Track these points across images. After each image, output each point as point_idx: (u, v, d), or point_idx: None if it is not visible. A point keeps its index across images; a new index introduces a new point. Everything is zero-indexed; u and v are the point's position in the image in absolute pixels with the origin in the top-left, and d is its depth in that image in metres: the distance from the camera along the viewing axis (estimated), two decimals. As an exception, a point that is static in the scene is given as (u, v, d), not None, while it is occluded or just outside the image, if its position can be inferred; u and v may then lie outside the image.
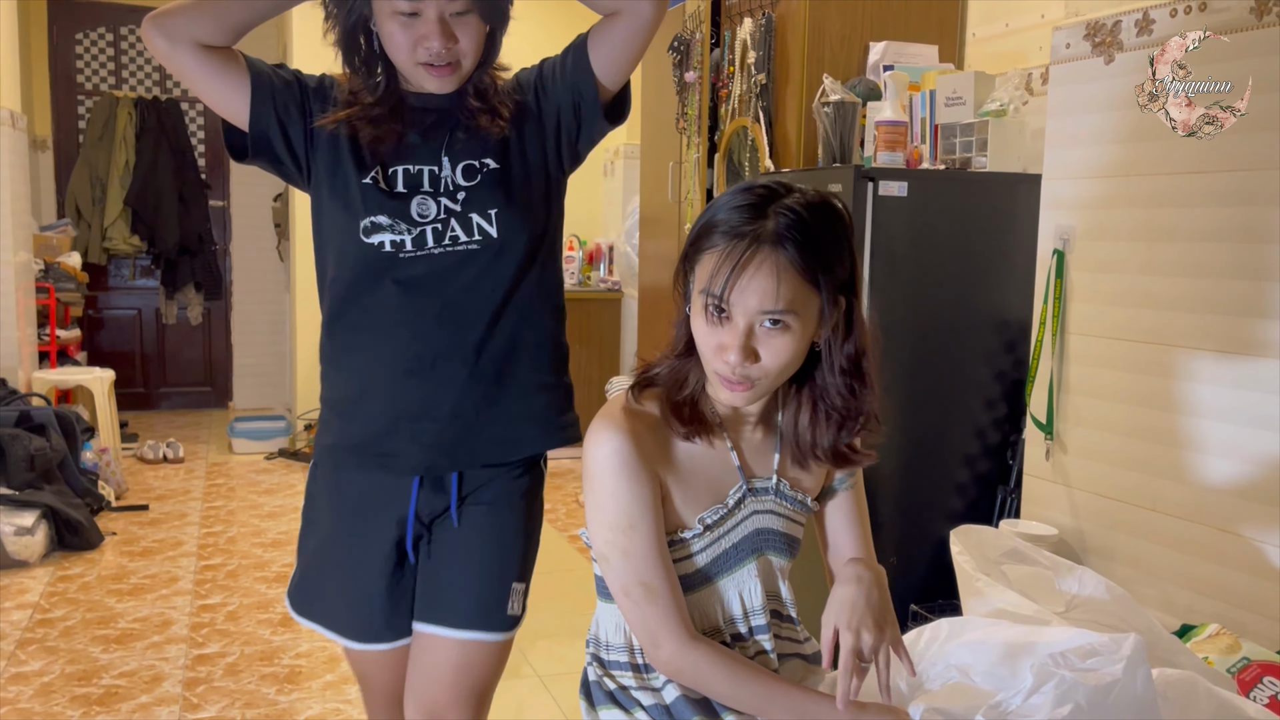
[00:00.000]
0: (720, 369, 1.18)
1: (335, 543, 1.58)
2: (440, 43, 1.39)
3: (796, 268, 1.14)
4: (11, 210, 4.58)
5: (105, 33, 6.34)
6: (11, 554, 3.61)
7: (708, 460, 1.26)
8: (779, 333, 1.15)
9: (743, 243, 1.14)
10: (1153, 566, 2.17)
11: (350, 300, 1.50)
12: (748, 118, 3.17)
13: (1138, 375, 2.19)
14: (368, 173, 1.47)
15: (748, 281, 1.13)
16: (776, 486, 1.29)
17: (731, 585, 1.27)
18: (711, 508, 1.25)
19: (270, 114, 1.47)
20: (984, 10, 3.11)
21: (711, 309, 1.16)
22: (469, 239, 1.46)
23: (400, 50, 1.41)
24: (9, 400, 4.22)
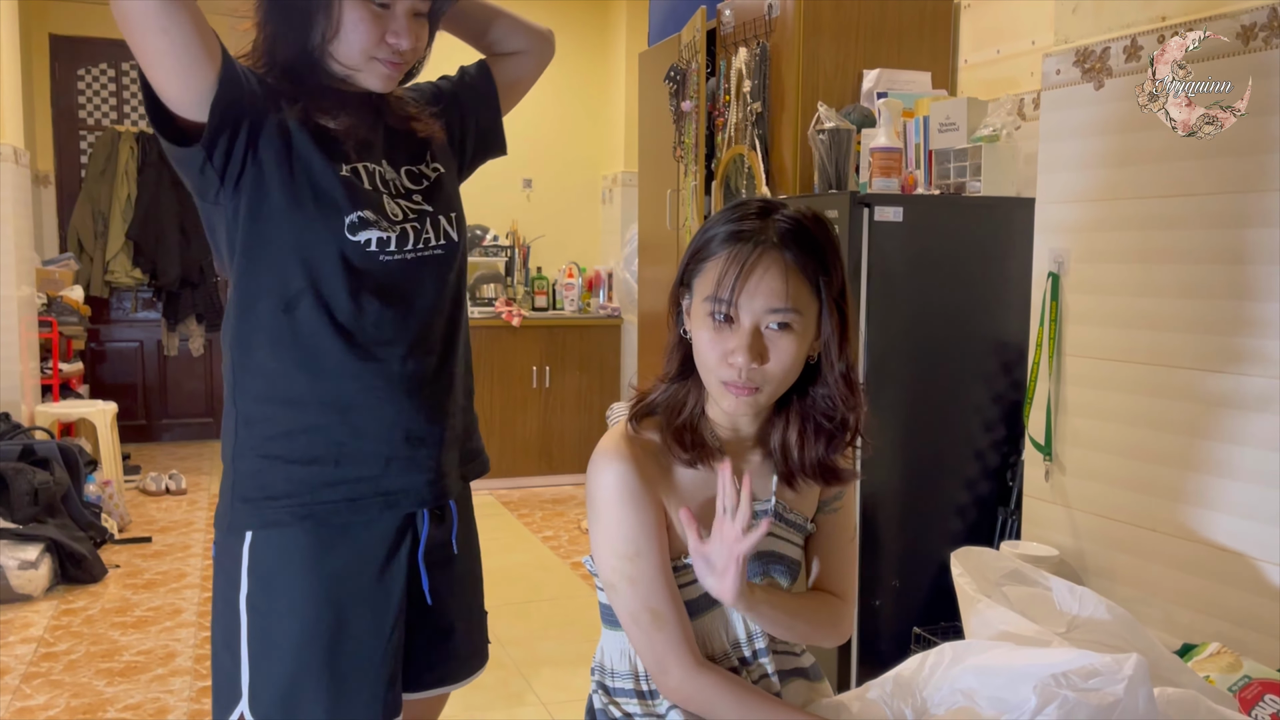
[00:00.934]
0: (726, 375, 1.19)
1: (339, 621, 1.31)
2: (409, 40, 1.33)
3: (801, 269, 1.17)
4: (15, 244, 4.62)
5: (107, 68, 6.40)
6: (15, 588, 3.62)
7: (709, 485, 1.27)
8: (784, 335, 1.18)
9: (748, 246, 1.17)
10: (1153, 586, 2.18)
11: (323, 317, 1.30)
12: (744, 145, 3.21)
13: (1135, 396, 2.21)
14: (344, 164, 1.34)
15: (756, 283, 1.16)
16: (775, 509, 1.31)
17: (732, 612, 1.28)
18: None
19: (239, 97, 1.27)
20: (975, 37, 3.16)
21: (718, 315, 1.18)
22: (437, 242, 1.39)
23: (363, 40, 1.31)
24: (12, 434, 4.23)
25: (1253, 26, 1.94)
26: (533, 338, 5.46)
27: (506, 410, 5.44)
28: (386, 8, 1.31)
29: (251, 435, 1.32)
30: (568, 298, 5.74)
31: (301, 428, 1.31)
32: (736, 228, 1.20)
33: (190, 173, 1.30)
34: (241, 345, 1.34)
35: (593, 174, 6.03)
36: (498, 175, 5.83)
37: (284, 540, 1.30)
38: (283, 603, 1.30)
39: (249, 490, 1.31)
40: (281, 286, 1.31)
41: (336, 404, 1.31)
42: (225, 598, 1.32)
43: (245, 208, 1.30)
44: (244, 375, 1.34)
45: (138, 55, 1.22)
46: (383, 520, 1.34)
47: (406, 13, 1.32)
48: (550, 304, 5.75)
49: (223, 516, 1.34)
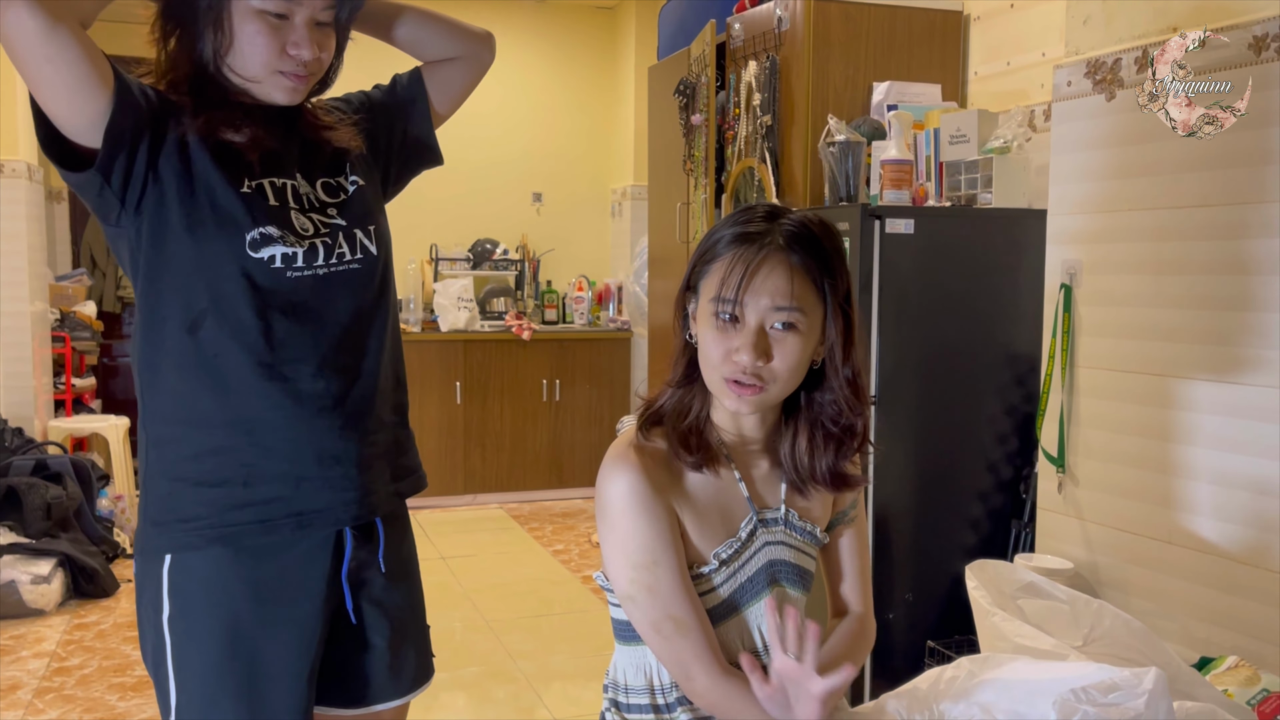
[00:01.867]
0: (729, 372, 1.20)
1: (255, 643, 1.29)
2: (310, 51, 1.28)
3: (806, 270, 1.19)
4: (28, 260, 4.64)
5: (120, 85, 6.44)
6: (28, 603, 3.62)
7: (718, 492, 1.27)
8: (789, 334, 1.19)
9: (753, 247, 1.19)
10: (1169, 599, 2.16)
11: (228, 336, 1.27)
12: (754, 158, 3.21)
13: (1148, 407, 2.20)
14: (245, 181, 1.30)
15: (761, 282, 1.18)
16: (785, 517, 1.30)
17: (751, 617, 1.27)
18: (726, 542, 1.26)
19: (136, 119, 1.24)
20: (985, 49, 3.16)
21: (724, 315, 1.19)
22: (353, 257, 1.36)
23: (260, 53, 1.26)
24: (26, 449, 4.25)
25: (1264, 37, 1.93)
26: (543, 351, 5.47)
27: (517, 423, 5.44)
28: (285, 18, 1.26)
29: (162, 457, 1.30)
30: (578, 311, 5.75)
31: (209, 449, 1.28)
32: (743, 230, 1.21)
33: (89, 196, 1.28)
34: (149, 367, 1.31)
35: (602, 187, 6.05)
36: (508, 189, 5.85)
37: (200, 563, 1.29)
38: (201, 625, 1.29)
39: (160, 513, 1.30)
40: (185, 307, 1.28)
41: (244, 424, 1.28)
42: (150, 619, 1.32)
43: (147, 229, 1.28)
44: (152, 397, 1.31)
45: (26, 82, 1.20)
46: (300, 541, 1.31)
47: (306, 22, 1.28)
48: (560, 317, 5.75)
49: (139, 539, 1.33)
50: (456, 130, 6.74)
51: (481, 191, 5.78)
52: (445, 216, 5.68)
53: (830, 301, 1.21)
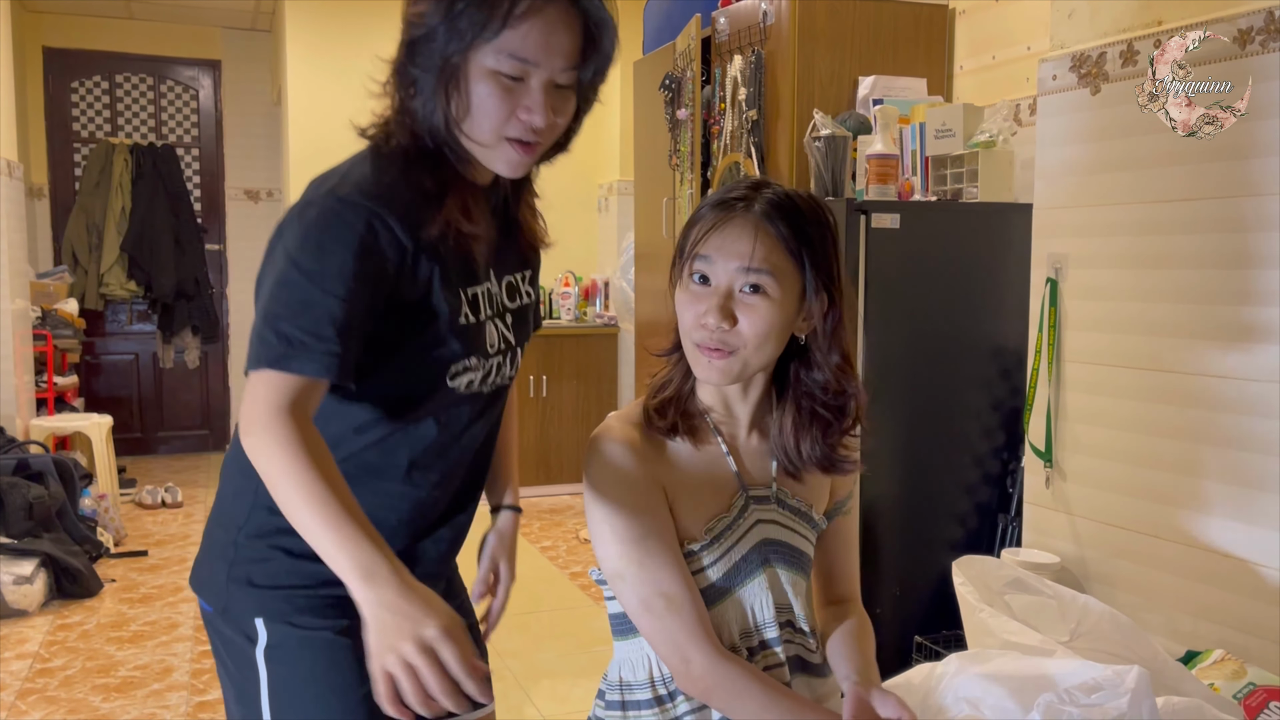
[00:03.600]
0: (698, 337, 1.19)
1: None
2: (544, 117, 1.14)
3: (777, 235, 1.18)
4: (9, 258, 4.60)
5: (100, 80, 6.39)
6: (10, 603, 3.59)
7: (706, 467, 1.25)
8: (758, 299, 1.18)
9: (729, 210, 1.20)
10: (1156, 593, 2.16)
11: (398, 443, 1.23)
12: (740, 153, 3.20)
13: (1135, 401, 2.20)
14: (464, 307, 1.20)
15: (731, 242, 1.18)
16: (776, 495, 1.28)
17: (744, 599, 1.25)
18: (716, 517, 1.24)
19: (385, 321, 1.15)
20: (971, 43, 3.16)
21: (696, 276, 1.20)
22: (507, 378, 1.29)
23: (490, 118, 1.13)
24: (7, 448, 4.21)
25: (1249, 30, 1.93)
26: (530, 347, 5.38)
27: (504, 420, 5.42)
28: (520, 81, 1.13)
29: (269, 522, 1.22)
30: (564, 307, 5.73)
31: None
32: (724, 196, 1.22)
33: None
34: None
35: (589, 183, 6.03)
36: (493, 185, 5.81)
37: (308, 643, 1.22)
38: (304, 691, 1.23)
39: (256, 576, 1.23)
40: (362, 411, 1.21)
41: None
42: (243, 676, 1.25)
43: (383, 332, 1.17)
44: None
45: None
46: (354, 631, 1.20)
47: (543, 85, 1.14)
48: (547, 313, 5.74)
49: (223, 597, 1.25)
50: (441, 125, 6.64)
51: (467, 187, 5.74)
52: (430, 212, 5.64)
53: (810, 275, 1.19)
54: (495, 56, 1.10)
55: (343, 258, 1.08)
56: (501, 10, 1.09)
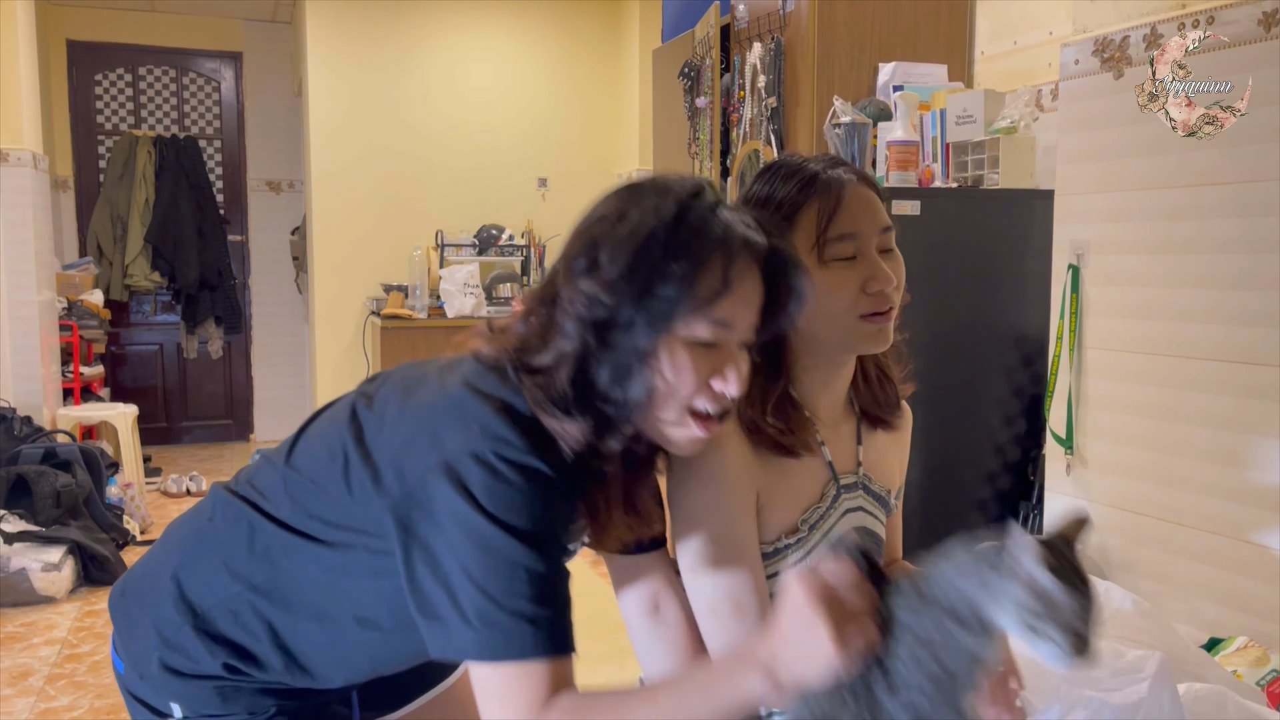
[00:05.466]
0: (866, 306, 1.18)
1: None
2: (739, 384, 1.04)
3: (872, 187, 1.23)
4: (35, 250, 4.65)
5: (124, 73, 6.44)
6: (39, 590, 3.64)
7: (801, 463, 1.23)
8: (894, 254, 1.22)
9: (837, 184, 1.19)
10: (1179, 580, 2.15)
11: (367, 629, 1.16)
12: (759, 141, 3.20)
13: (1157, 388, 2.18)
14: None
15: (862, 209, 1.18)
16: (862, 480, 1.29)
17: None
18: (812, 507, 1.23)
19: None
20: (992, 28, 3.13)
21: (839, 258, 1.18)
22: None
23: (687, 385, 1.02)
24: (35, 437, 4.26)
25: (1274, 13, 1.91)
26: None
27: (524, 409, 5.44)
28: (715, 346, 1.03)
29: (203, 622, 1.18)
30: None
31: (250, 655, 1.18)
32: (809, 174, 1.19)
33: None
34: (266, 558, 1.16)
35: (608, 172, 6.03)
36: (513, 174, 5.83)
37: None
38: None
39: (179, 663, 1.19)
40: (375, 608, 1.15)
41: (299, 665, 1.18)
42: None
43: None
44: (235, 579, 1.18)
45: None
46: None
47: (739, 346, 1.05)
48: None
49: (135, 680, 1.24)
50: (460, 115, 6.71)
51: (486, 177, 5.76)
52: (450, 203, 5.67)
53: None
54: (699, 322, 1.01)
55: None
56: (716, 283, 1.00)
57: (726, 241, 1.01)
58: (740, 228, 1.03)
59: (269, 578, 1.15)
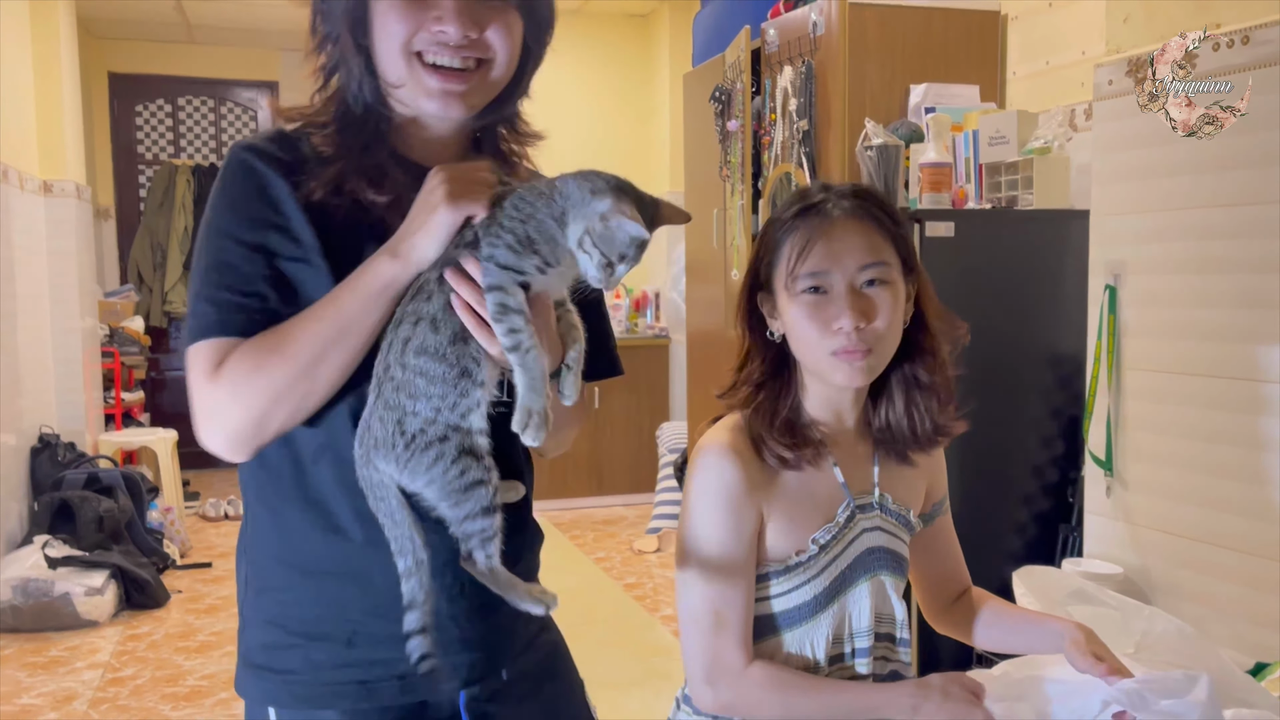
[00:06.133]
0: (834, 344, 1.17)
1: None
2: (457, 27, 0.99)
3: (878, 224, 1.19)
4: (79, 278, 4.74)
5: (164, 104, 6.57)
6: (82, 614, 3.69)
7: (812, 481, 1.23)
8: (881, 289, 1.18)
9: (819, 215, 1.18)
10: (1222, 603, 2.12)
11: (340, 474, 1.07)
12: (791, 164, 3.21)
13: (1196, 409, 2.16)
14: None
15: (840, 244, 1.17)
16: (880, 501, 1.28)
17: (845, 605, 1.24)
18: (824, 527, 1.23)
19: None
20: (1024, 49, 3.13)
21: (807, 290, 1.18)
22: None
23: (395, 36, 1.00)
24: (78, 463, 4.34)
25: (1311, 31, 1.90)
26: (582, 359, 5.48)
27: (557, 432, 5.46)
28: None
29: (261, 601, 1.12)
30: (615, 318, 5.76)
31: (313, 598, 1.09)
32: (802, 205, 1.21)
33: None
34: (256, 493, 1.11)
35: (638, 195, 6.07)
36: (544, 199, 5.87)
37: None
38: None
39: (261, 659, 1.11)
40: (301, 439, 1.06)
41: (355, 577, 1.07)
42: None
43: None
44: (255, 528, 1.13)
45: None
46: (405, 707, 1.10)
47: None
48: (598, 325, 5.77)
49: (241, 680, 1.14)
50: (493, 141, 6.70)
51: (519, 201, 5.81)
52: (483, 226, 5.72)
53: (903, 256, 1.21)
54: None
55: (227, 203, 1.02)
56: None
57: None
58: None
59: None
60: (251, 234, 1.00)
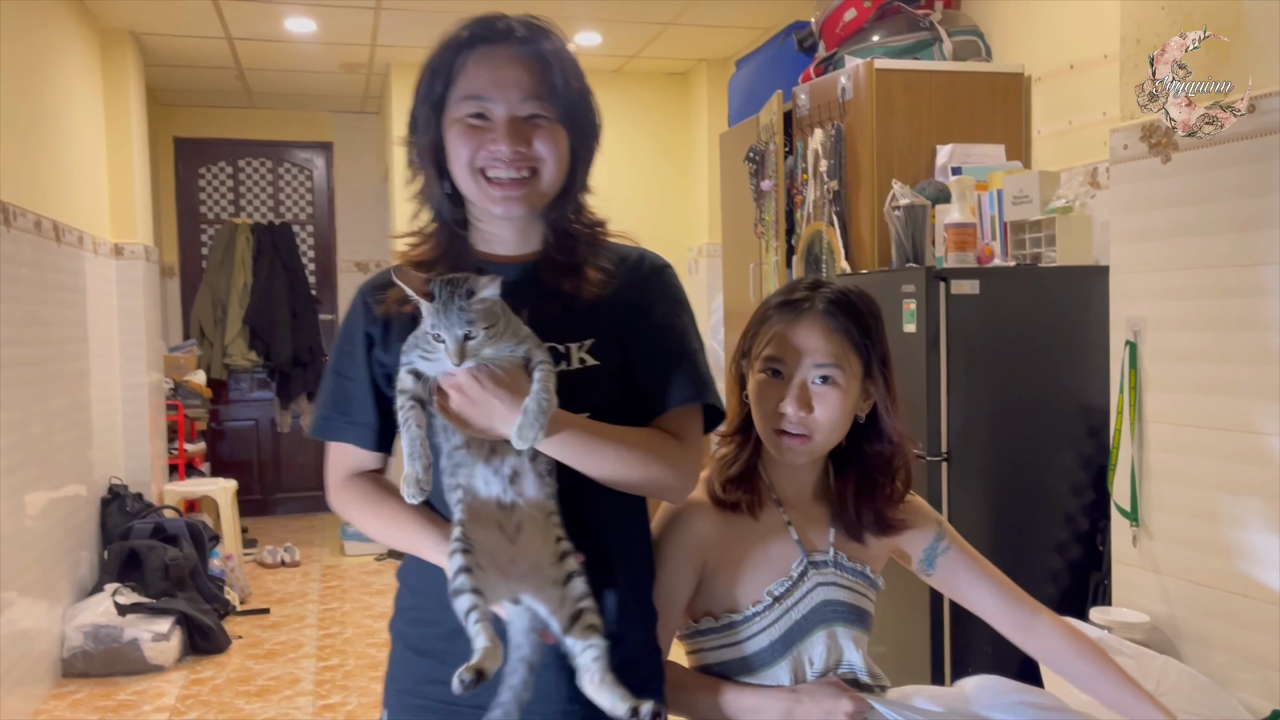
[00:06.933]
0: (778, 423, 1.34)
1: None
2: (508, 145, 1.21)
3: (843, 331, 1.35)
4: (146, 335, 4.98)
5: (225, 165, 6.88)
6: (149, 659, 3.86)
7: (767, 535, 1.39)
8: (829, 388, 1.34)
9: (794, 311, 1.36)
10: (1249, 651, 2.17)
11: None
12: (822, 222, 3.33)
13: (1217, 461, 2.23)
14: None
15: (802, 340, 1.34)
16: (835, 559, 1.40)
17: (800, 655, 1.36)
18: (777, 580, 1.37)
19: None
20: (1047, 109, 3.23)
21: (769, 371, 1.35)
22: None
23: (461, 158, 1.22)
24: (145, 513, 4.53)
25: (1314, 100, 1.99)
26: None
27: (602, 479, 5.56)
28: (484, 118, 1.22)
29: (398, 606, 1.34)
30: (659, 367, 5.86)
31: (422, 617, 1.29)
32: (786, 298, 1.39)
33: None
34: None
35: (680, 245, 6.21)
36: (588, 251, 6.02)
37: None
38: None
39: (390, 664, 1.34)
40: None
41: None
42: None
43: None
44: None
45: None
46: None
47: (505, 116, 1.22)
48: (642, 373, 5.87)
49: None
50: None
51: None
52: (529, 279, 5.88)
53: (872, 361, 1.36)
54: (457, 105, 1.22)
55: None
56: (448, 62, 1.23)
57: (454, 39, 1.24)
58: (468, 29, 1.24)
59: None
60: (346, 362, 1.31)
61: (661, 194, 6.17)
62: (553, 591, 1.14)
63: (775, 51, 3.99)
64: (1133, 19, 2.41)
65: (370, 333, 1.28)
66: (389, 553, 5.69)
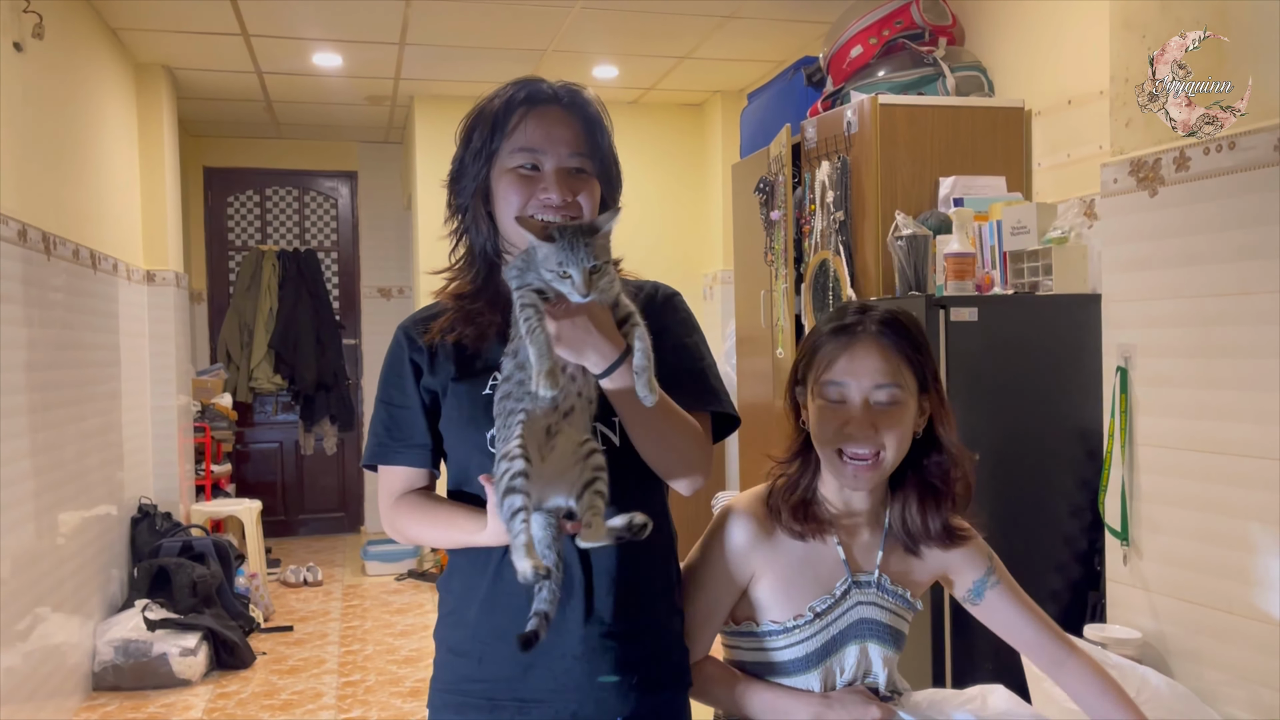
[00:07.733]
0: (843, 445, 1.38)
1: None
2: (559, 193, 1.35)
3: (897, 349, 1.40)
4: (176, 360, 5.13)
5: (253, 194, 7.07)
6: (177, 673, 3.98)
7: (814, 554, 1.45)
8: (892, 407, 1.39)
9: (850, 334, 1.41)
10: (1237, 668, 2.24)
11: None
12: (829, 251, 3.44)
13: (1205, 483, 2.31)
14: (486, 381, 1.37)
15: (860, 362, 1.39)
16: (878, 581, 1.47)
17: (832, 665, 1.44)
18: (821, 597, 1.43)
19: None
20: (1047, 142, 3.34)
21: (831, 395, 1.40)
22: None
23: (511, 204, 1.36)
24: (173, 532, 4.67)
25: (1291, 137, 2.09)
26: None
27: (618, 501, 5.65)
28: (536, 169, 1.36)
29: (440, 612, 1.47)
30: (674, 391, 5.96)
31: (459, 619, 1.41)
32: (839, 324, 1.43)
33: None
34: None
35: (694, 272, 6.33)
36: (605, 278, 6.15)
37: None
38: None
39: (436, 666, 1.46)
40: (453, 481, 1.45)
41: (488, 602, 1.37)
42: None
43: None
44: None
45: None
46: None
47: (555, 170, 1.36)
48: (657, 397, 5.97)
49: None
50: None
51: (581, 280, 6.09)
52: (547, 305, 6.01)
53: (925, 376, 1.42)
54: (510, 156, 1.37)
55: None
56: (502, 118, 1.38)
57: (503, 100, 1.39)
58: (522, 90, 1.39)
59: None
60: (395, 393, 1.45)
61: (678, 221, 6.30)
62: (574, 475, 1.26)
63: (784, 86, 4.12)
64: (1121, 59, 2.52)
65: (417, 361, 1.42)
66: (409, 573, 5.81)
